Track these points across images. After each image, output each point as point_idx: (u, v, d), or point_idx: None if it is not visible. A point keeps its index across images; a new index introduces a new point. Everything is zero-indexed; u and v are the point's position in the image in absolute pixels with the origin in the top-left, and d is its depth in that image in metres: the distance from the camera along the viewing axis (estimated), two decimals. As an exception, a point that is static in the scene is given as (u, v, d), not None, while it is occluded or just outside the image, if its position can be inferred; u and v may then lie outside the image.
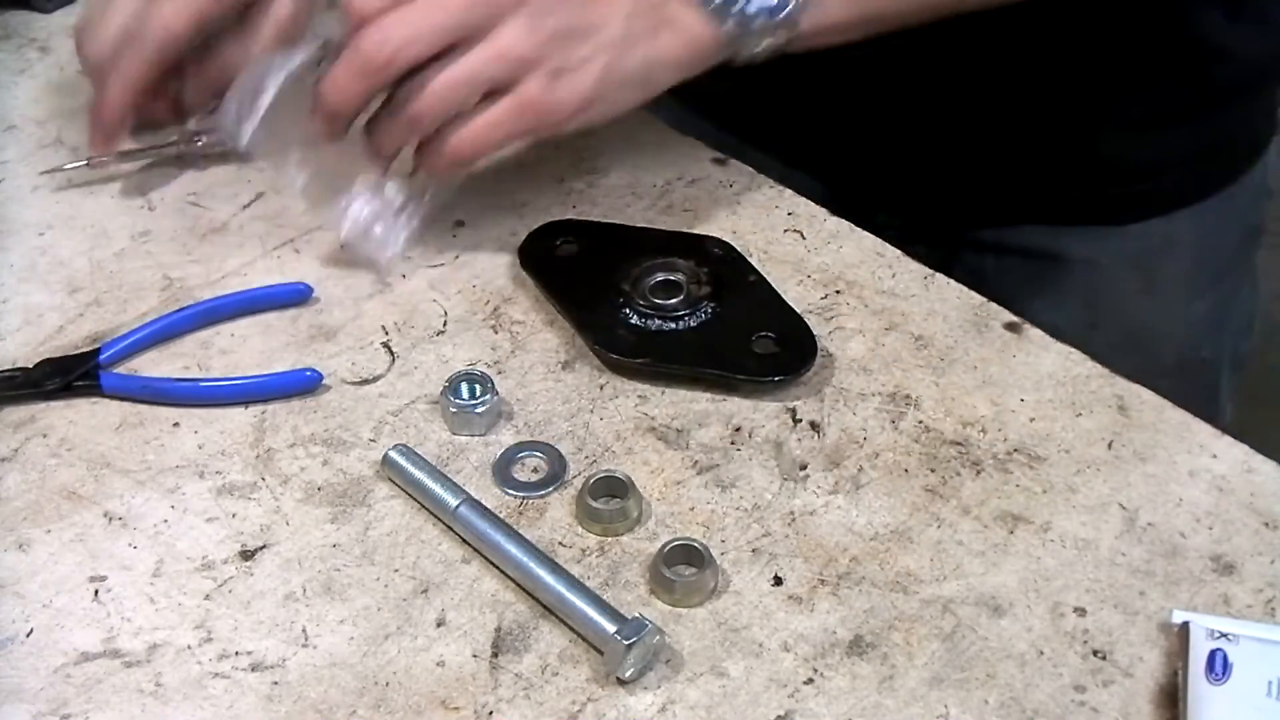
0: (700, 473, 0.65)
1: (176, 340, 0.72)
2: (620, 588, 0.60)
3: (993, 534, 0.62)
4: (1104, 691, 0.56)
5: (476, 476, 0.65)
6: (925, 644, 0.58)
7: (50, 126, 0.88)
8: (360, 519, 0.63)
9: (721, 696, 0.56)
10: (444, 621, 0.59)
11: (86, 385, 0.69)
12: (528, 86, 0.68)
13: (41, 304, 0.75)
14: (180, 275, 0.76)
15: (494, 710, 0.55)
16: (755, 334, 0.70)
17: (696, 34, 0.71)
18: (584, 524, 0.63)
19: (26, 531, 0.63)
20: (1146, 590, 0.59)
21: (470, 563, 0.61)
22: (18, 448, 0.67)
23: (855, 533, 0.62)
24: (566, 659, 0.57)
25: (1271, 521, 0.62)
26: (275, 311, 0.74)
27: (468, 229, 0.79)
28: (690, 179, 0.82)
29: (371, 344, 0.72)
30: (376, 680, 0.57)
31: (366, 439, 0.67)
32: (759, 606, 0.59)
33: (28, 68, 0.93)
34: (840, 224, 0.78)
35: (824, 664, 0.57)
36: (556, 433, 0.67)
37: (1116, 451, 0.65)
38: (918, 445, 0.66)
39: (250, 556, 0.62)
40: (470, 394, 0.67)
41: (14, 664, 0.57)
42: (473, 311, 0.74)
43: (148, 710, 0.56)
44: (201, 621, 0.59)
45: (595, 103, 0.71)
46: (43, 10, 0.98)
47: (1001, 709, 0.55)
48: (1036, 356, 0.70)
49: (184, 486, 0.65)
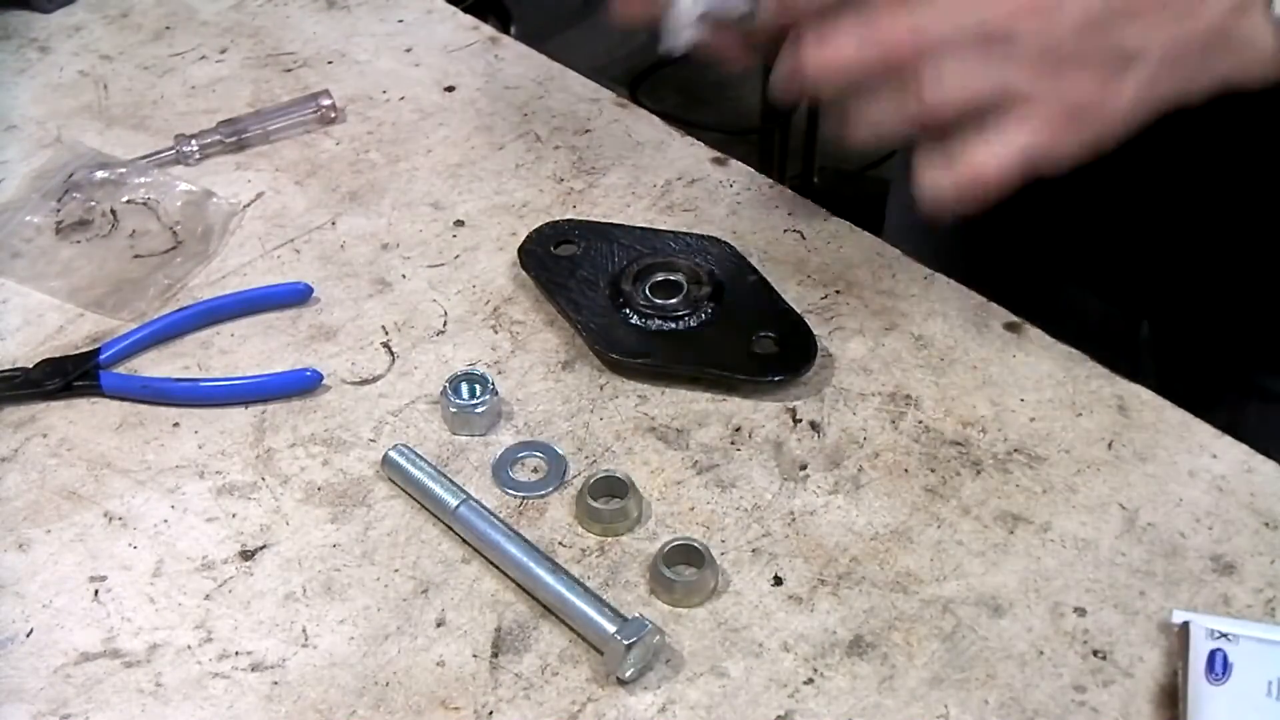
0: (700, 473, 0.65)
1: (176, 340, 0.72)
2: (620, 588, 0.60)
3: (993, 534, 0.62)
4: (1104, 691, 0.56)
5: (476, 476, 0.65)
6: (925, 644, 0.58)
7: (50, 126, 0.88)
8: (360, 519, 0.63)
9: (721, 696, 0.56)
10: (444, 621, 0.59)
11: (86, 385, 0.69)
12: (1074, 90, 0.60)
13: (41, 304, 0.75)
14: (180, 275, 0.76)
15: (494, 710, 0.55)
16: (755, 334, 0.70)
17: (1264, 59, 0.61)
18: (584, 524, 0.63)
19: (26, 531, 0.63)
20: (1146, 590, 0.59)
21: (470, 563, 0.61)
22: (18, 448, 0.67)
23: (855, 533, 0.62)
24: (566, 659, 0.57)
25: (1271, 521, 0.62)
26: (275, 311, 0.74)
27: (468, 229, 0.79)
28: (690, 179, 0.82)
29: (371, 344, 0.72)
30: (376, 680, 0.57)
31: (366, 439, 0.67)
32: (759, 606, 0.59)
33: (28, 68, 0.93)
34: (840, 224, 0.78)
35: (824, 664, 0.57)
36: (556, 433, 0.67)
37: (1116, 451, 0.65)
38: (918, 445, 0.66)
39: (250, 556, 0.62)
40: (470, 394, 0.67)
41: (14, 664, 0.57)
42: (473, 311, 0.74)
43: (148, 710, 0.56)
44: (201, 621, 0.59)
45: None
46: (43, 10, 0.98)
47: (1001, 709, 0.55)
48: (1036, 356, 0.70)
49: (184, 486, 0.65)
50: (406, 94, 0.90)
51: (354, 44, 0.95)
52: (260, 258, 0.78)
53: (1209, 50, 0.61)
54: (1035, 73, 0.59)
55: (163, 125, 0.88)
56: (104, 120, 0.88)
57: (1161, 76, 0.61)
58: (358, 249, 0.78)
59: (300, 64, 0.93)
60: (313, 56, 0.94)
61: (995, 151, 0.60)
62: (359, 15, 0.98)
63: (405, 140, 0.86)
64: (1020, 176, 0.61)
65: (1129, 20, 0.60)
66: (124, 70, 0.93)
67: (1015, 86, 0.59)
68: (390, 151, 0.85)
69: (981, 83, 0.59)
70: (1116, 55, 0.60)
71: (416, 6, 0.99)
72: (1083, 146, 0.61)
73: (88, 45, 0.95)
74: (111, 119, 0.88)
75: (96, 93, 0.91)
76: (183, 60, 0.94)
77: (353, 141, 0.86)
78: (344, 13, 0.99)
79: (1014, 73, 0.59)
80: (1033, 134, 0.60)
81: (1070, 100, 0.60)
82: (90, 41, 0.96)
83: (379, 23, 0.97)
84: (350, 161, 0.85)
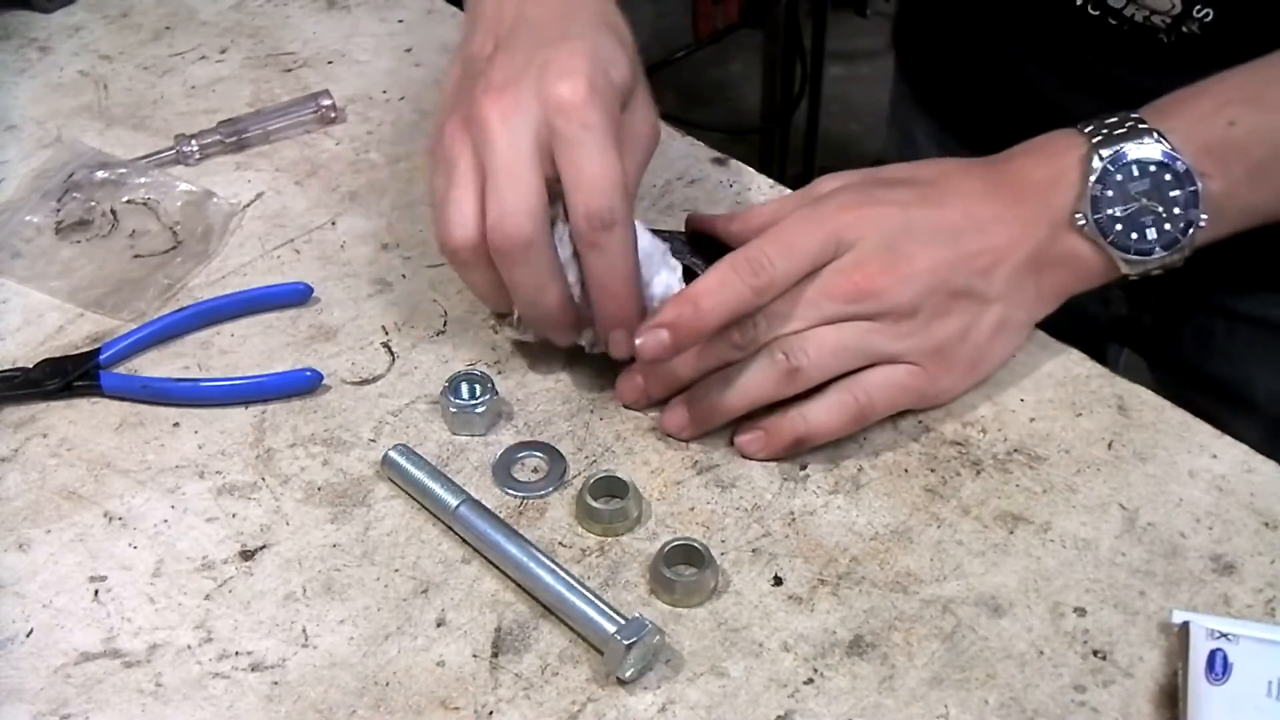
0: (700, 473, 0.65)
1: (176, 340, 0.72)
2: (620, 588, 0.60)
3: (993, 534, 0.62)
4: (1104, 691, 0.56)
5: (476, 476, 0.65)
6: (925, 644, 0.58)
7: (50, 126, 0.88)
8: (360, 519, 0.63)
9: (721, 696, 0.56)
10: (444, 621, 0.59)
11: (86, 385, 0.69)
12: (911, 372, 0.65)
13: (41, 304, 0.75)
14: (180, 275, 0.76)
15: (494, 710, 0.55)
16: (755, 334, 0.70)
17: (1089, 268, 0.66)
18: (584, 524, 0.63)
19: (26, 531, 0.63)
20: (1146, 590, 0.59)
21: (470, 563, 0.61)
22: (18, 448, 0.67)
23: (855, 533, 0.62)
24: (566, 659, 0.57)
25: (1271, 521, 0.62)
26: (275, 311, 0.74)
27: (468, 229, 0.79)
28: (690, 179, 0.82)
29: (371, 344, 0.72)
30: (376, 680, 0.57)
31: (366, 439, 0.67)
32: (759, 606, 0.59)
33: (28, 68, 0.93)
34: (840, 224, 0.78)
35: (824, 664, 0.57)
36: (556, 433, 0.67)
37: (1116, 451, 0.65)
38: (918, 445, 0.66)
39: (250, 556, 0.62)
40: (470, 394, 0.67)
41: (14, 664, 0.57)
42: (473, 311, 0.74)
43: (148, 710, 0.56)
44: (201, 621, 0.59)
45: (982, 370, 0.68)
46: (43, 10, 0.98)
47: (1001, 709, 0.55)
48: (1036, 356, 0.70)
49: (184, 486, 0.65)
50: (406, 94, 0.90)
51: (354, 44, 0.95)
52: (260, 258, 0.78)
53: (1043, 272, 0.66)
54: (900, 332, 0.64)
55: (163, 125, 0.88)
56: (104, 120, 0.88)
57: (1013, 302, 0.66)
58: (358, 249, 0.78)
59: (300, 64, 0.93)
60: (313, 56, 0.94)
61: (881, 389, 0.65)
62: (359, 15, 0.98)
63: (405, 140, 0.86)
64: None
65: (970, 259, 0.65)
66: (124, 70, 0.93)
67: (885, 348, 0.64)
68: (390, 151, 0.85)
69: (854, 352, 0.64)
70: (965, 295, 0.65)
71: (416, 6, 0.99)
72: (966, 381, 0.67)
73: (88, 45, 0.95)
74: (111, 119, 0.88)
75: (96, 93, 0.91)
76: (183, 60, 0.94)
77: (353, 141, 0.86)
78: (344, 13, 0.99)
79: (881, 337, 0.64)
80: (911, 377, 0.65)
81: (939, 345, 0.65)
82: (90, 41, 0.96)
83: (379, 23, 0.97)
84: (350, 161, 0.85)
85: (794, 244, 0.64)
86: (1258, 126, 0.65)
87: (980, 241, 0.65)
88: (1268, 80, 0.66)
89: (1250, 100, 0.65)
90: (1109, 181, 0.64)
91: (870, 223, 0.65)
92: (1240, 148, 0.65)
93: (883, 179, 0.68)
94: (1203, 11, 0.72)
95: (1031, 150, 0.68)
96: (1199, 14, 0.72)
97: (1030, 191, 0.66)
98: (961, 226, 0.65)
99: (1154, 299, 0.83)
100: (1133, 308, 0.83)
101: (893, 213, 0.65)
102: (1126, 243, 0.65)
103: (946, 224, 0.65)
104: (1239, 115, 0.65)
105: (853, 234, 0.64)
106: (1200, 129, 0.65)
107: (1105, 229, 0.65)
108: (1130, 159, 0.64)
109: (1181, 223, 0.64)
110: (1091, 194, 0.65)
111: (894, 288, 0.64)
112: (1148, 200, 0.64)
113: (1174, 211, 0.64)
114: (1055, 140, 0.67)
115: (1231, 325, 0.88)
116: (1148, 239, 0.65)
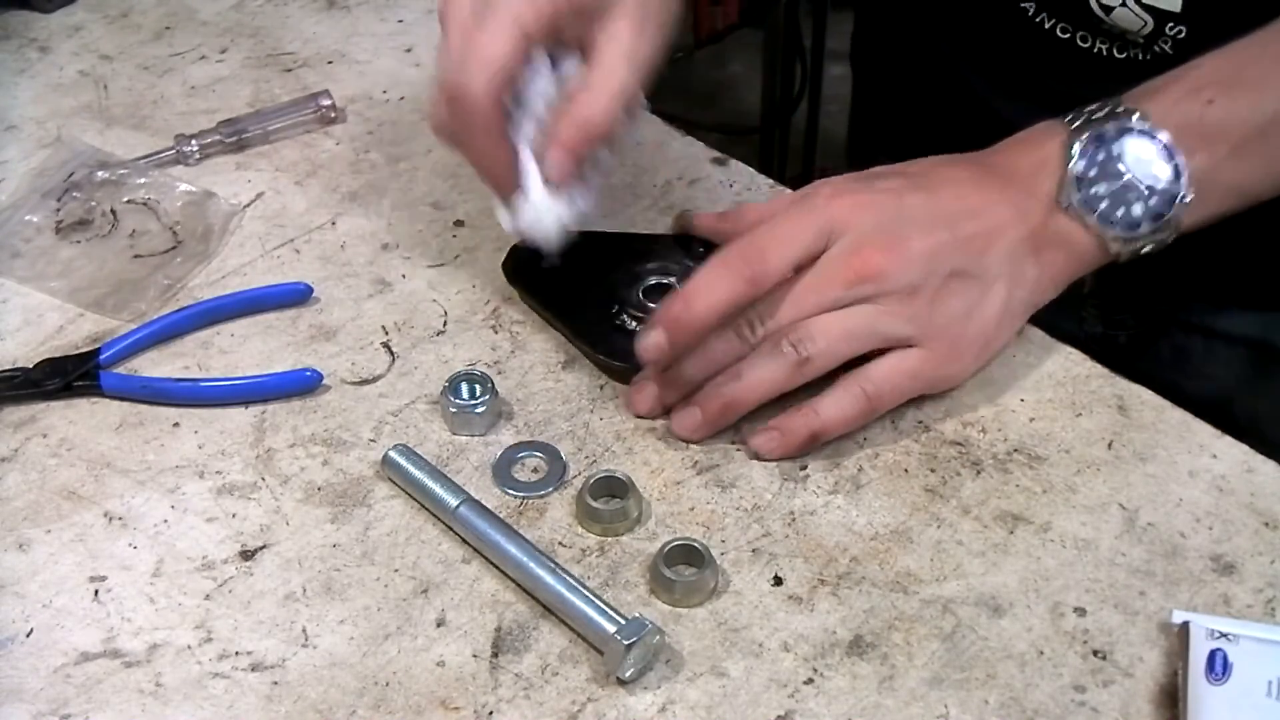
0: (700, 473, 0.65)
1: (176, 340, 0.72)
2: (620, 588, 0.60)
3: (993, 534, 0.62)
4: (1104, 691, 0.56)
5: (476, 476, 0.65)
6: (925, 644, 0.58)
7: (50, 126, 0.88)
8: (360, 519, 0.63)
9: (721, 696, 0.56)
10: (444, 621, 0.59)
11: (86, 385, 0.69)
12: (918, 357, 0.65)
13: (41, 304, 0.75)
14: (180, 275, 0.76)
15: (494, 710, 0.55)
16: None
17: (1083, 249, 0.67)
18: (584, 524, 0.63)
19: (26, 531, 0.63)
20: (1146, 590, 0.59)
21: (470, 563, 0.61)
22: (18, 448, 0.67)
23: (855, 533, 0.62)
24: (566, 659, 0.57)
25: (1271, 521, 0.62)
26: (275, 311, 0.74)
27: (467, 229, 0.79)
28: (690, 179, 0.82)
29: (371, 344, 0.72)
30: (376, 680, 0.57)
31: (366, 439, 0.67)
32: (759, 606, 0.59)
33: (28, 68, 0.93)
34: (840, 224, 0.78)
35: (824, 664, 0.57)
36: (556, 433, 0.67)
37: (1116, 451, 0.65)
38: (918, 445, 0.66)
39: (250, 556, 0.62)
40: (470, 394, 0.67)
41: (14, 664, 0.57)
42: (473, 311, 0.74)
43: (148, 710, 0.56)
44: (201, 621, 0.59)
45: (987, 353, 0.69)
46: (43, 10, 0.98)
47: (1001, 709, 0.55)
48: (1036, 356, 0.70)
49: (184, 486, 0.65)
50: (406, 94, 0.90)
51: (354, 44, 0.95)
52: (260, 258, 0.78)
53: (1041, 252, 0.67)
54: (905, 313, 0.64)
55: (163, 125, 0.88)
56: (104, 120, 0.88)
57: (1015, 282, 0.66)
58: (358, 249, 0.78)
59: (300, 64, 0.93)
60: (313, 56, 0.94)
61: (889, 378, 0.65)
62: (359, 15, 0.98)
63: (405, 140, 0.86)
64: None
65: (966, 242, 0.65)
66: (124, 70, 0.93)
67: (891, 330, 0.64)
68: (390, 151, 0.85)
69: (861, 337, 0.64)
70: (965, 276, 0.65)
71: (416, 6, 0.99)
72: (975, 363, 0.68)
73: (88, 45, 0.95)
74: (111, 119, 0.88)
75: (96, 93, 0.91)
76: (183, 60, 0.94)
77: (353, 141, 0.86)
78: (344, 13, 0.99)
79: (886, 319, 0.64)
80: (919, 362, 0.65)
81: (944, 326, 0.65)
82: (90, 41, 0.96)
83: (379, 23, 0.97)
84: (350, 161, 0.85)
85: (786, 233, 0.64)
86: (1236, 105, 0.66)
87: (974, 224, 0.66)
88: (1245, 61, 0.67)
89: (1228, 81, 0.66)
90: (1091, 161, 0.65)
91: (863, 209, 0.65)
92: (1220, 125, 0.65)
93: (873, 174, 0.69)
94: (1175, 29, 0.73)
95: (1016, 141, 0.69)
96: (1171, 31, 0.73)
97: (1017, 178, 0.67)
98: (955, 211, 0.66)
99: (1130, 317, 0.83)
100: (1107, 325, 0.82)
101: (885, 200, 0.66)
102: (1113, 218, 0.65)
103: (940, 209, 0.66)
104: (1217, 95, 0.65)
105: (846, 221, 0.65)
106: (1180, 108, 0.66)
107: (1091, 205, 0.65)
108: (1111, 138, 0.65)
109: (1167, 196, 0.65)
110: (1074, 173, 0.65)
111: (894, 269, 0.64)
112: (1132, 176, 0.65)
113: (1158, 187, 0.65)
114: (1038, 130, 0.68)
115: (1209, 343, 0.88)
116: (1134, 214, 0.65)
